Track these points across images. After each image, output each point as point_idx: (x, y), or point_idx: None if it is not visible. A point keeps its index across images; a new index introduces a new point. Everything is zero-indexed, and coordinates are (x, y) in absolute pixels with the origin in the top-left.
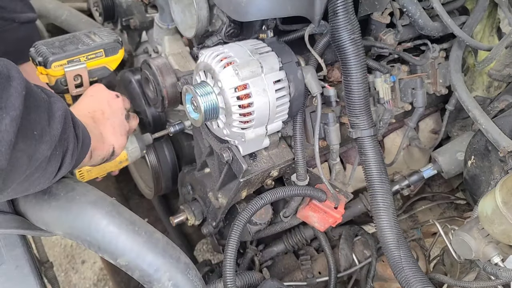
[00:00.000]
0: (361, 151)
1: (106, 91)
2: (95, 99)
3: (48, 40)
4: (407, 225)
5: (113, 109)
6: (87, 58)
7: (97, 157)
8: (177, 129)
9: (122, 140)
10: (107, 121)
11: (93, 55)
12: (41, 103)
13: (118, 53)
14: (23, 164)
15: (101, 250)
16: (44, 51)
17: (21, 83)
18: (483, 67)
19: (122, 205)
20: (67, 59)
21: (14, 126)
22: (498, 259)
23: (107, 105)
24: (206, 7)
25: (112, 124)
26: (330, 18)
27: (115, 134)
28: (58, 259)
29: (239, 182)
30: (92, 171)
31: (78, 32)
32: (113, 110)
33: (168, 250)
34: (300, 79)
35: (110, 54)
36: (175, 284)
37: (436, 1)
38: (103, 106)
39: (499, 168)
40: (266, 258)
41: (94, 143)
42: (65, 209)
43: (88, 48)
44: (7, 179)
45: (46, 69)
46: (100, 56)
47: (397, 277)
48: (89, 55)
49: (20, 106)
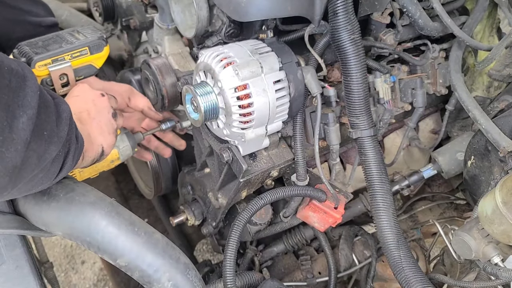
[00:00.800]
0: (361, 151)
1: (91, 90)
2: (80, 99)
3: (31, 40)
4: (407, 225)
5: (98, 108)
6: (72, 56)
7: (88, 158)
8: (169, 126)
9: (110, 139)
10: (93, 120)
11: (78, 53)
12: (49, 104)
13: (103, 50)
14: (33, 164)
15: (100, 250)
16: (27, 51)
17: (35, 83)
18: (483, 67)
19: (121, 206)
20: (51, 58)
21: (31, 124)
22: (498, 259)
23: (93, 104)
24: (206, 7)
25: (99, 124)
26: (330, 18)
27: (103, 133)
28: (58, 259)
29: (239, 182)
30: (84, 172)
31: (61, 31)
32: (99, 109)
33: (168, 250)
34: (300, 79)
35: (95, 52)
36: (175, 285)
37: (436, 1)
38: (88, 106)
39: (499, 168)
40: (266, 258)
41: (84, 145)
42: (64, 210)
43: (72, 47)
44: (17, 178)
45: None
46: (85, 54)
47: (397, 277)
48: (74, 53)
49: (35, 105)
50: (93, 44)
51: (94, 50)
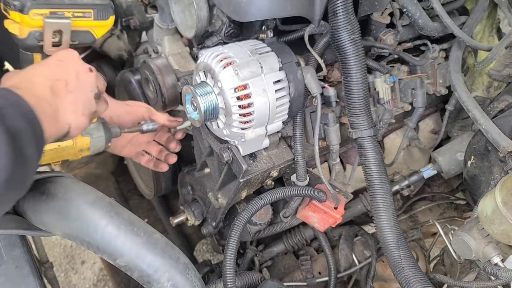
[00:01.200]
0: (361, 151)
1: (78, 60)
2: (63, 65)
3: None
4: (407, 225)
5: (80, 82)
6: (73, 15)
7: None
8: (150, 128)
9: (82, 121)
10: (68, 94)
11: (80, 13)
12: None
13: (108, 19)
14: None
15: (100, 250)
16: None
17: None
18: (483, 67)
19: (121, 206)
20: (50, 10)
21: None
22: (498, 259)
23: (75, 76)
24: (206, 7)
25: (75, 100)
26: (330, 18)
27: (76, 112)
28: (58, 259)
29: (239, 182)
30: (45, 155)
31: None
32: (80, 84)
33: (167, 250)
34: (300, 79)
35: (99, 18)
36: (174, 285)
37: (436, 1)
38: (69, 76)
39: (499, 168)
40: (266, 258)
41: (44, 122)
42: (63, 210)
43: (76, 4)
44: None
45: (22, 15)
46: (88, 16)
47: (397, 277)
48: (76, 12)
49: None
50: (99, 8)
51: (99, 15)
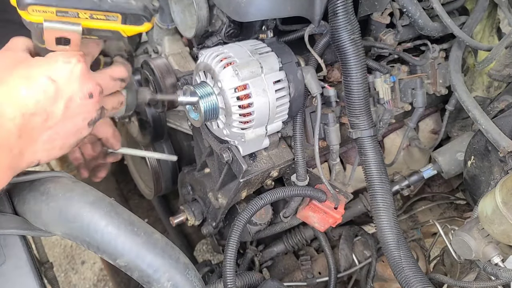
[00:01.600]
0: (361, 151)
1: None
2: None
3: None
4: (407, 225)
5: (70, 112)
6: (91, 17)
7: None
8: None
9: (58, 154)
10: (46, 132)
11: (103, 16)
12: None
13: (142, 25)
14: None
15: (100, 250)
16: None
17: None
18: (483, 67)
19: (121, 206)
20: (57, 8)
21: None
22: (498, 259)
23: (64, 105)
24: (206, 7)
25: (53, 137)
26: (330, 18)
27: (51, 150)
28: (58, 259)
29: (239, 182)
30: None
31: None
32: (69, 115)
33: (167, 250)
34: (300, 79)
35: (129, 23)
36: (174, 285)
37: (436, 1)
38: (55, 107)
39: (499, 168)
40: (266, 258)
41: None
42: (63, 210)
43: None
44: None
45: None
46: (113, 20)
47: (397, 277)
48: (96, 15)
49: None
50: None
51: (129, 21)
